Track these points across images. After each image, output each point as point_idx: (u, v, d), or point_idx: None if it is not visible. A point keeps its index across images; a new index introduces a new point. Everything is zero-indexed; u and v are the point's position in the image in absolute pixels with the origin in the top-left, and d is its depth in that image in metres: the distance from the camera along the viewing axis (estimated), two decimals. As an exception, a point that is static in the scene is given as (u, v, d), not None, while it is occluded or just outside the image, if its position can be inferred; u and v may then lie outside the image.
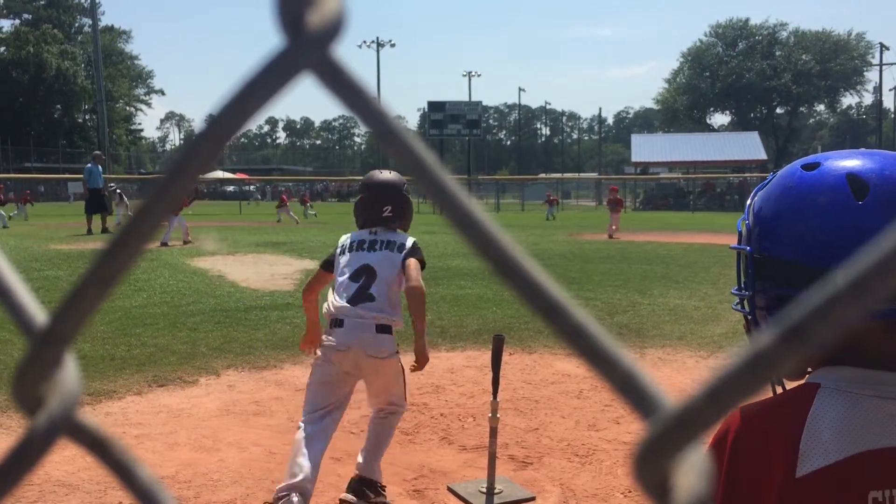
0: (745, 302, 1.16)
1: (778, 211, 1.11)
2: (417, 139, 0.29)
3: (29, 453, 0.31)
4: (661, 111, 77.89)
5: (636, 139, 58.26)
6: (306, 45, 0.27)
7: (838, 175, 1.06)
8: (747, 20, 72.63)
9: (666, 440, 0.24)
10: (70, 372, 0.32)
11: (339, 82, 0.29)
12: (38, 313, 0.34)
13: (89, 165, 20.30)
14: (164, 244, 14.49)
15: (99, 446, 0.34)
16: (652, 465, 0.24)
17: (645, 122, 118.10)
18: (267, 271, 11.25)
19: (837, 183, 1.06)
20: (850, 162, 1.08)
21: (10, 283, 0.35)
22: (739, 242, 1.20)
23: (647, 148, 54.65)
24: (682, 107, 71.66)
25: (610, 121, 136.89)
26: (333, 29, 0.28)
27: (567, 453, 4.09)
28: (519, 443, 4.23)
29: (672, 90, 73.60)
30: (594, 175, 76.49)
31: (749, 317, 1.16)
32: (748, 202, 1.21)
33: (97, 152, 22.92)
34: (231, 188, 56.74)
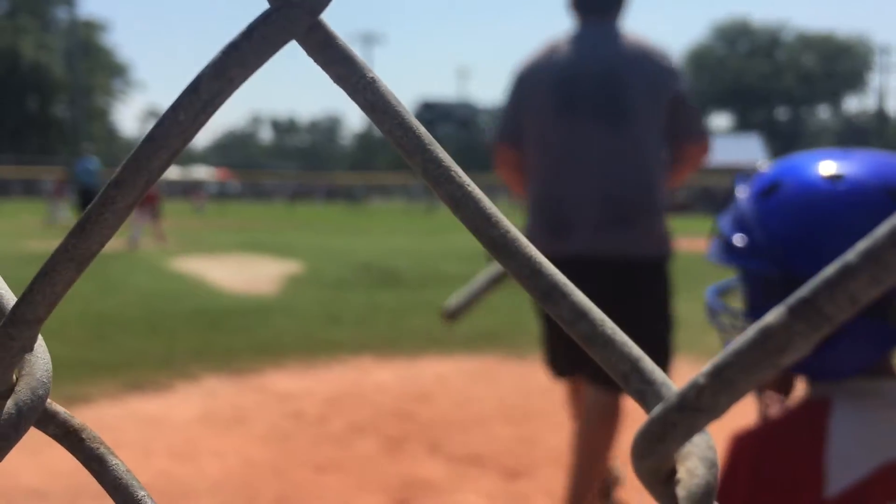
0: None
1: (809, 229, 1.06)
2: (410, 113, 0.28)
3: (-5, 442, 0.30)
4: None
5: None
6: (295, 9, 0.26)
7: (878, 191, 1.03)
8: (749, 20, 73.26)
9: (670, 427, 0.22)
10: (40, 357, 0.31)
11: (328, 52, 0.28)
12: (8, 296, 0.33)
13: (85, 161, 19.59)
14: (135, 246, 14.32)
15: (70, 436, 0.32)
16: (655, 453, 0.23)
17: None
18: (248, 273, 11.17)
19: (881, 201, 1.02)
20: (875, 172, 1.06)
21: (-22, 264, 0.33)
22: (727, 255, 1.14)
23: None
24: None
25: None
26: (324, -6, 0.26)
27: (560, 464, 4.02)
28: (510, 453, 4.18)
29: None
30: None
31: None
32: (737, 208, 1.16)
33: (88, 145, 22.35)
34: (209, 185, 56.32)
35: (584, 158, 2.82)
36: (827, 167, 1.08)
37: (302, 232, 20.75)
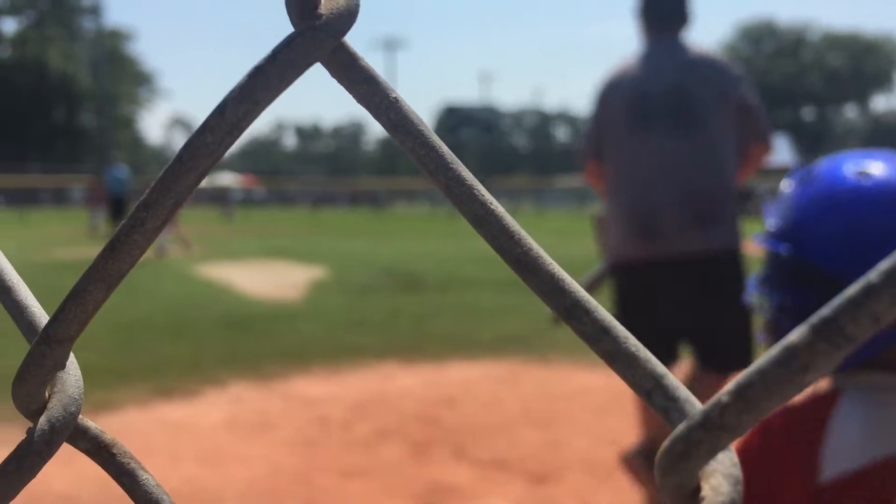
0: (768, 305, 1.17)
1: (826, 217, 1.11)
2: (432, 132, 0.28)
3: (30, 458, 0.30)
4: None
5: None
6: (319, 32, 0.26)
7: None
8: (774, 20, 72.78)
9: (694, 445, 0.22)
10: (72, 374, 0.31)
11: (351, 73, 0.28)
12: (40, 313, 0.33)
13: (115, 170, 19.90)
14: (162, 254, 14.45)
15: (101, 451, 0.32)
16: (680, 470, 0.23)
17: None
18: (273, 279, 11.23)
19: None
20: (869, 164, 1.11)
21: (11, 281, 0.34)
22: (761, 238, 1.21)
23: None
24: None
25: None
26: (346, 17, 0.27)
27: (587, 469, 4.00)
28: (536, 457, 4.15)
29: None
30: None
31: (772, 321, 1.16)
32: (782, 196, 1.22)
33: (118, 154, 22.63)
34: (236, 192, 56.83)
35: (662, 167, 3.10)
36: (860, 164, 1.11)
37: (326, 237, 20.84)
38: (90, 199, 24.24)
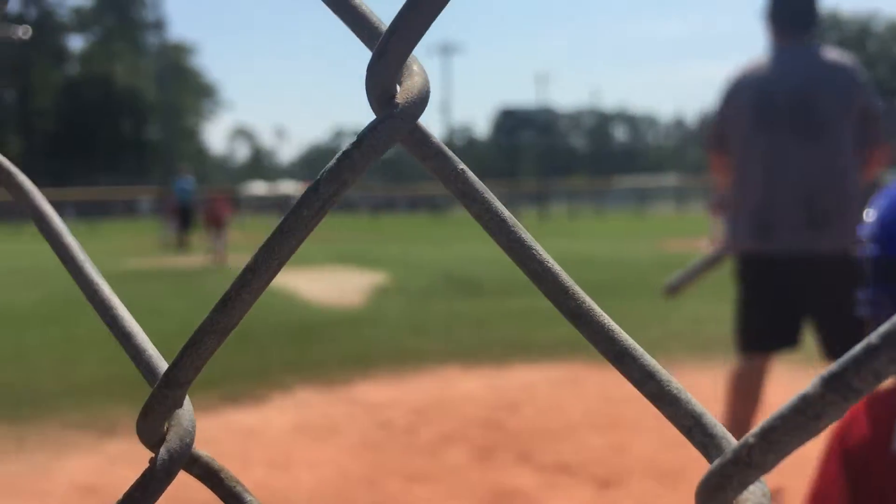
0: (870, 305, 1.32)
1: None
2: (495, 198, 0.32)
3: (153, 484, 0.35)
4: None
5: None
6: (397, 120, 0.30)
7: None
8: (838, 12, 71.21)
9: (727, 479, 0.26)
10: (186, 410, 0.36)
11: (424, 149, 0.32)
12: (156, 356, 0.39)
13: (182, 181, 20.60)
14: (224, 261, 14.73)
15: (212, 476, 0.37)
16: (716, 500, 0.27)
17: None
18: (336, 285, 11.40)
19: None
20: None
21: (130, 328, 0.39)
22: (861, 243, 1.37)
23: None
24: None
25: (691, 122, 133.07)
26: (420, 104, 0.31)
27: (652, 473, 3.97)
28: (600, 462, 4.13)
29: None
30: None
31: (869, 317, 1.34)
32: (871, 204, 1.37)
33: (184, 165, 23.36)
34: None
35: (785, 168, 3.24)
36: None
37: (387, 243, 21.03)
38: (164, 210, 24.68)
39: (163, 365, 0.38)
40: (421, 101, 0.31)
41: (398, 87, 0.31)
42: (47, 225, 0.42)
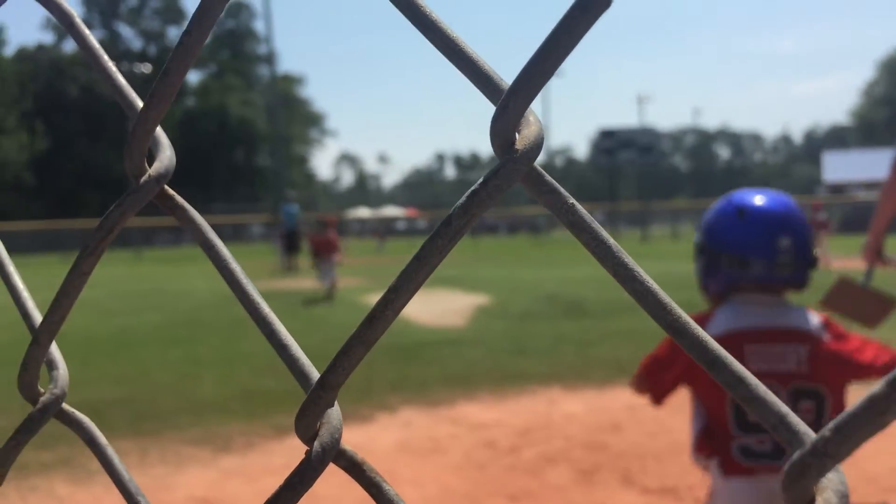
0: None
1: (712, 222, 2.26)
2: (601, 228, 0.37)
3: (308, 474, 0.41)
4: (856, 126, 73.75)
5: (829, 157, 54.18)
6: (517, 163, 0.36)
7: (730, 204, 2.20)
8: None
9: (806, 468, 0.30)
10: (336, 409, 0.42)
11: (539, 186, 0.38)
12: (308, 363, 0.45)
13: (288, 206, 21.42)
14: (333, 285, 15.06)
15: (355, 468, 0.43)
16: (798, 487, 0.31)
17: (836, 138, 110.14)
18: (438, 306, 11.53)
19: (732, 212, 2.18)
20: (746, 197, 2.18)
21: (287, 340, 0.46)
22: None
23: (841, 166, 51.03)
24: (881, 120, 67.46)
25: (798, 139, 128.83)
26: (535, 149, 0.37)
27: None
28: (705, 485, 4.07)
29: (869, 103, 69.61)
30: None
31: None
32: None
33: (290, 191, 24.24)
34: (401, 225, 58.90)
35: None
36: (739, 198, 2.23)
37: (488, 265, 21.09)
38: (275, 235, 26.18)
39: (314, 372, 0.45)
40: (536, 146, 0.36)
41: (517, 135, 0.37)
42: (215, 253, 0.50)
